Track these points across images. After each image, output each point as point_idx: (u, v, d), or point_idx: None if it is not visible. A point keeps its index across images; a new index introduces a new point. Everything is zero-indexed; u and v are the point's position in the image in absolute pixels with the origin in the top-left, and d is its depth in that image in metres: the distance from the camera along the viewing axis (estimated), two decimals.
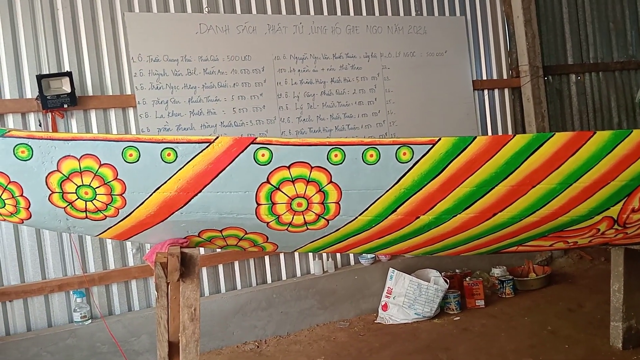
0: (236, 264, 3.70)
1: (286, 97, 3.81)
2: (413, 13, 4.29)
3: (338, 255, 3.96)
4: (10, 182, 1.82)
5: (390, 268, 3.80)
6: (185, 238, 2.07)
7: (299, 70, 3.85)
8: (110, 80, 3.38)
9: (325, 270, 3.88)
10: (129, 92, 3.41)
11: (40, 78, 3.09)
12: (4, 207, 1.88)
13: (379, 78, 4.09)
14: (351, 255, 4.02)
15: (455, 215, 2.08)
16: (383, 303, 3.77)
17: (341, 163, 1.95)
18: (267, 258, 3.80)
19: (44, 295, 3.20)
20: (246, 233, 2.10)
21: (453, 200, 2.04)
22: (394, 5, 4.24)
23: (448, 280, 3.79)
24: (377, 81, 4.08)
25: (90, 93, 3.32)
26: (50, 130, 3.17)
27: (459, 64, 4.41)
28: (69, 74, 3.15)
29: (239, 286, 3.71)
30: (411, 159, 1.95)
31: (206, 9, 3.62)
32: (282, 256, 3.84)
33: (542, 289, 4.12)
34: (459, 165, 1.98)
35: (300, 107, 3.85)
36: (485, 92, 4.59)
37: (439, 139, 1.96)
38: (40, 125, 3.18)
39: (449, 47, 4.35)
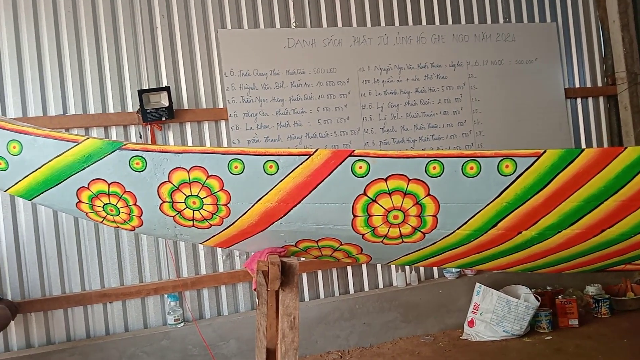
0: (319, 273, 3.74)
1: (370, 108, 3.82)
2: (501, 20, 4.19)
3: (422, 268, 3.90)
4: (125, 191, 1.94)
5: (477, 283, 3.69)
6: (282, 247, 2.12)
7: (383, 81, 3.85)
8: (204, 94, 3.54)
9: (408, 282, 3.83)
10: (221, 105, 3.56)
11: (141, 93, 3.29)
12: (118, 214, 2.01)
13: (465, 87, 4.01)
14: (435, 269, 3.95)
15: (560, 231, 1.99)
16: (469, 319, 3.66)
17: (439, 176, 1.92)
18: (349, 268, 3.81)
19: (141, 298, 3.38)
20: (341, 244, 2.11)
21: (558, 216, 1.95)
22: (481, 14, 4.16)
23: (539, 298, 3.62)
24: (464, 90, 4.00)
25: (186, 106, 3.50)
26: (150, 142, 3.36)
27: (550, 71, 4.24)
28: (167, 89, 3.33)
29: (322, 295, 3.74)
30: (514, 172, 1.89)
31: (294, 23, 3.72)
32: (364, 267, 3.83)
33: None
34: (566, 178, 1.90)
35: (384, 117, 3.85)
36: (579, 100, 4.37)
37: (544, 151, 1.88)
38: (140, 137, 3.38)
39: (539, 55, 4.19)
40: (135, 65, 3.43)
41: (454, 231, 2.00)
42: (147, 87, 3.39)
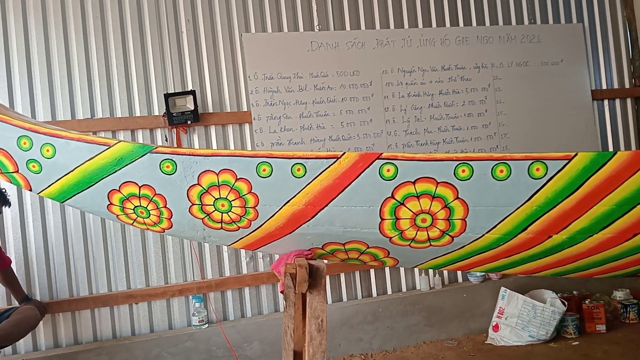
0: (342, 275, 3.73)
1: (393, 111, 3.81)
2: (526, 22, 4.14)
3: (445, 271, 3.87)
4: (155, 194, 1.96)
5: (502, 287, 3.65)
6: (309, 250, 2.12)
7: (406, 83, 3.84)
8: (228, 97, 3.57)
9: (432, 286, 3.80)
10: (245, 108, 3.58)
11: (167, 96, 3.33)
12: (148, 217, 2.03)
13: (490, 89, 3.97)
14: (459, 272, 3.92)
15: (591, 235, 1.96)
16: (494, 323, 3.62)
17: (469, 179, 1.90)
18: (372, 271, 3.80)
19: (166, 299, 3.41)
20: (368, 247, 2.11)
21: (589, 219, 1.92)
22: (506, 15, 4.12)
23: (566, 303, 3.56)
24: (488, 92, 3.97)
25: (211, 110, 3.53)
26: (175, 145, 3.40)
27: (576, 73, 4.18)
28: (192, 93, 3.36)
29: (344, 298, 3.73)
30: (545, 175, 1.87)
31: (317, 27, 3.73)
32: (387, 270, 3.82)
33: None
34: (597, 182, 1.87)
35: (407, 120, 3.83)
36: (606, 102, 4.30)
37: (576, 154, 1.86)
38: (166, 140, 3.42)
39: (565, 56, 4.14)
40: (162, 69, 3.47)
41: (483, 235, 1.98)
42: (173, 91, 3.43)
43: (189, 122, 3.35)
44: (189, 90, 3.42)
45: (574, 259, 2.08)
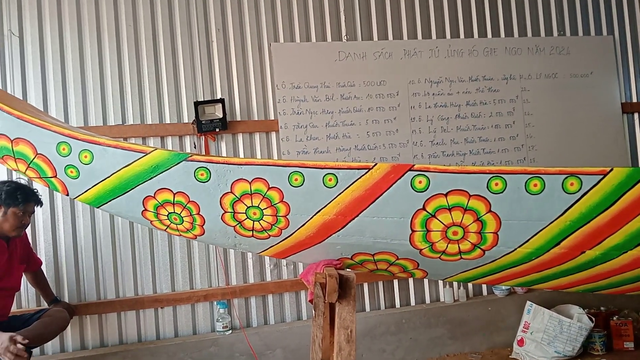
0: (365, 285, 3.73)
1: (419, 121, 3.81)
2: (555, 33, 4.11)
3: (470, 284, 3.83)
4: (189, 201, 2.00)
5: (527, 301, 3.60)
6: (338, 260, 2.13)
7: (433, 93, 3.83)
8: (256, 106, 3.60)
9: (456, 298, 3.77)
10: (272, 117, 3.61)
11: (197, 104, 3.38)
12: (182, 223, 2.06)
13: (518, 100, 3.94)
14: (484, 285, 3.88)
15: (626, 252, 1.93)
16: (519, 338, 3.57)
17: (502, 192, 1.90)
18: (395, 282, 3.78)
19: (191, 305, 3.44)
20: (397, 258, 2.11)
21: (624, 236, 1.90)
22: (535, 26, 4.10)
23: (593, 319, 3.50)
24: (516, 104, 3.94)
25: (239, 118, 3.57)
26: (204, 152, 3.44)
27: (606, 85, 4.13)
28: (221, 101, 3.40)
29: (367, 308, 3.72)
30: (579, 190, 1.85)
31: (345, 37, 3.75)
32: (411, 281, 3.80)
33: None
34: (633, 197, 1.85)
35: (433, 130, 3.82)
36: (636, 115, 4.24)
37: (611, 169, 1.84)
38: (195, 147, 3.46)
39: (594, 68, 4.09)
40: (192, 77, 3.52)
41: (515, 249, 1.97)
42: (203, 99, 3.48)
43: (217, 129, 3.39)
44: (218, 98, 3.46)
45: (606, 275, 2.05)
